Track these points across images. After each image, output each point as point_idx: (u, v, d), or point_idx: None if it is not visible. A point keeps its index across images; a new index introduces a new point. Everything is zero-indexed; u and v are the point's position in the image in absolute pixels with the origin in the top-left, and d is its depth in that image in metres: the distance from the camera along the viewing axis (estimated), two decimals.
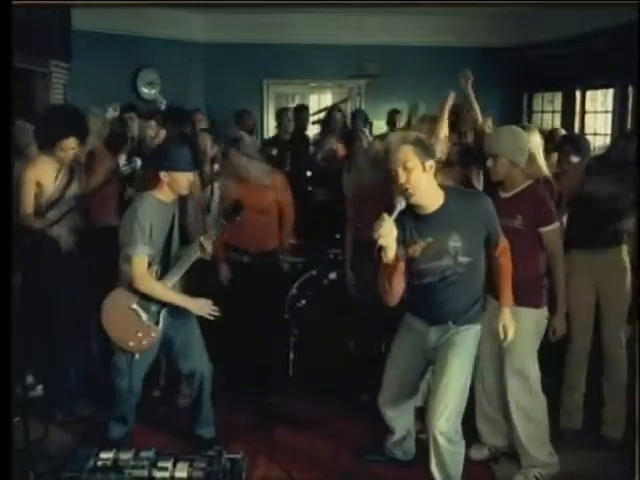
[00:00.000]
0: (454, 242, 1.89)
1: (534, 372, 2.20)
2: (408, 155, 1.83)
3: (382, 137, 3.44)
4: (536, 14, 4.19)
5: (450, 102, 2.56)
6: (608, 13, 2.97)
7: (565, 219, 2.51)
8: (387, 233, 1.77)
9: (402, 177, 1.83)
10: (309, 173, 3.70)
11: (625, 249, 2.42)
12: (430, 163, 1.86)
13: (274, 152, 3.74)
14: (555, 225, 2.17)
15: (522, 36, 4.59)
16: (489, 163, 2.18)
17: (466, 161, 2.50)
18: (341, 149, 3.40)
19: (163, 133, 3.17)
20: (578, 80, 4.18)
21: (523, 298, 2.08)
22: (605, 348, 2.44)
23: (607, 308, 2.42)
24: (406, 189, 1.83)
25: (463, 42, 4.54)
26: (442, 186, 1.92)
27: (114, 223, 2.62)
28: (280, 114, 4.11)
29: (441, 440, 1.93)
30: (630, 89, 3.57)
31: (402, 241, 1.88)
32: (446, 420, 1.92)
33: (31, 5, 1.30)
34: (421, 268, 1.93)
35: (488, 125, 2.75)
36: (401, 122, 3.85)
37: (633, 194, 2.29)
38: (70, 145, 2.46)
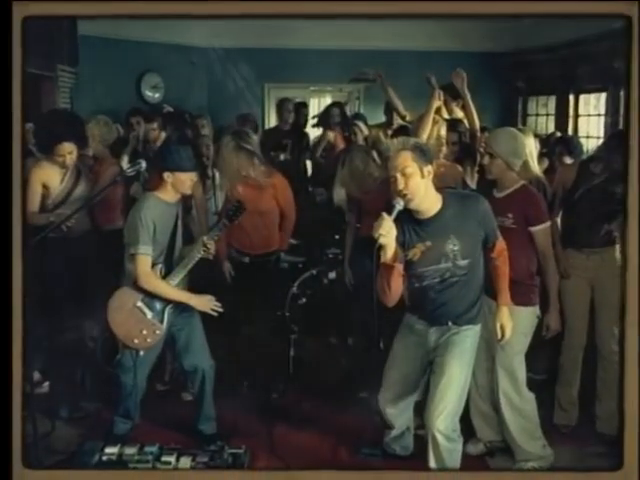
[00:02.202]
0: (452, 245, 1.93)
1: (521, 371, 2.25)
2: (407, 161, 1.87)
3: (379, 126, 3.51)
4: (531, 19, 4.25)
5: (437, 101, 2.61)
6: (602, 19, 3.03)
7: (559, 219, 2.57)
8: (387, 232, 1.82)
9: (401, 183, 1.86)
10: (309, 163, 3.75)
11: (619, 248, 2.48)
12: (429, 169, 1.90)
13: (281, 157, 3.80)
14: (546, 225, 2.22)
15: (517, 41, 4.66)
16: (485, 161, 2.24)
17: (461, 159, 2.56)
18: (340, 141, 3.45)
19: (163, 135, 3.24)
20: (572, 84, 4.25)
21: (515, 296, 2.13)
22: (600, 345, 2.49)
23: (602, 306, 2.47)
24: (405, 195, 1.87)
25: (459, 47, 4.61)
26: (440, 190, 1.96)
27: (119, 225, 2.69)
28: (280, 105, 4.18)
29: (440, 438, 1.97)
30: (622, 92, 3.63)
31: (402, 244, 1.92)
32: (445, 419, 1.97)
33: (42, 17, 1.36)
34: (420, 271, 1.97)
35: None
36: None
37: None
38: (66, 150, 2.51)
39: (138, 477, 1.48)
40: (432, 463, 2.01)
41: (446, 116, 2.97)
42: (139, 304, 2.28)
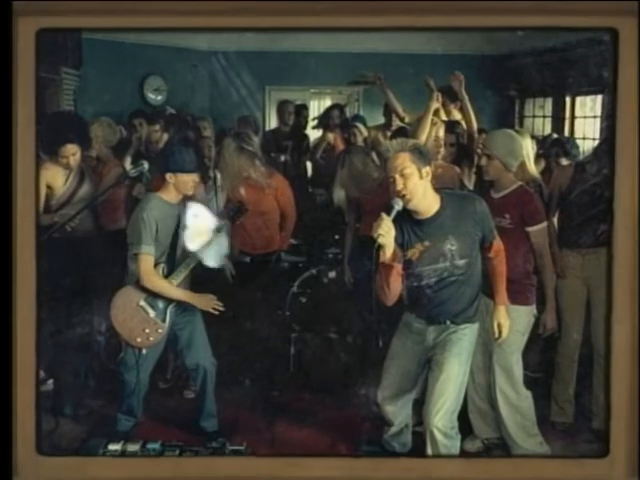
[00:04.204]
0: (450, 245, 1.98)
1: (518, 368, 2.29)
2: (405, 162, 1.91)
3: (378, 128, 3.55)
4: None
5: (435, 103, 2.66)
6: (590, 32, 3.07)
7: (556, 219, 2.61)
8: (386, 232, 1.85)
9: (399, 184, 1.90)
10: (309, 164, 3.80)
11: None
12: (427, 170, 1.93)
13: (282, 158, 3.85)
14: (543, 225, 2.26)
15: (513, 44, 4.71)
16: (483, 162, 2.28)
17: (459, 160, 2.60)
18: (339, 143, 3.50)
19: (166, 137, 3.28)
20: (568, 86, 4.31)
21: (512, 296, 2.17)
22: (595, 343, 2.52)
23: (598, 305, 2.50)
24: (403, 195, 1.90)
25: (457, 50, 4.66)
26: (438, 190, 2.00)
27: (122, 225, 2.73)
28: (281, 107, 4.23)
29: (438, 435, 2.01)
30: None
31: (400, 244, 1.96)
32: (443, 416, 2.01)
33: (55, 30, 1.43)
34: (419, 270, 2.01)
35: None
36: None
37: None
38: (70, 151, 2.55)
39: (147, 464, 1.53)
40: None
41: (444, 118, 3.00)
42: (142, 303, 2.32)
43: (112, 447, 2.18)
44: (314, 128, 4.18)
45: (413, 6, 1.37)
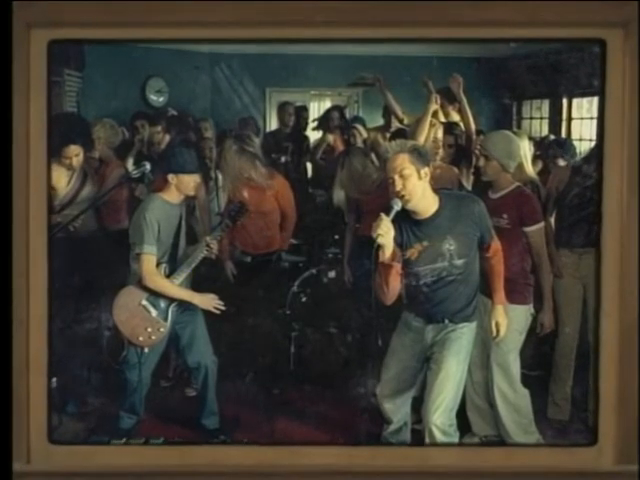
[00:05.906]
0: (449, 245, 2.01)
1: (516, 367, 2.32)
2: (404, 163, 1.94)
3: (377, 129, 3.59)
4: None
5: (434, 105, 2.69)
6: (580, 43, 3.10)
7: (553, 220, 2.64)
8: (385, 232, 1.89)
9: (398, 184, 1.94)
10: (309, 165, 3.84)
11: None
12: (425, 170, 1.97)
13: (282, 159, 3.88)
14: (540, 225, 2.30)
15: (510, 47, 4.74)
16: (481, 163, 2.32)
17: (457, 161, 2.64)
18: (339, 144, 3.53)
19: (167, 138, 3.31)
20: (565, 88, 4.34)
21: (510, 295, 2.20)
22: (592, 341, 2.56)
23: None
24: (402, 196, 1.94)
25: (455, 52, 4.69)
26: (437, 191, 2.03)
27: (125, 225, 2.75)
28: (281, 109, 4.26)
29: (436, 432, 2.03)
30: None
31: (399, 244, 1.99)
32: (442, 413, 2.03)
33: (66, 41, 1.49)
34: (418, 270, 2.04)
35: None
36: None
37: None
38: (73, 152, 2.58)
39: (154, 453, 1.57)
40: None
41: (443, 119, 3.04)
42: (144, 302, 2.35)
43: (115, 444, 2.21)
44: (314, 129, 4.21)
45: (410, 18, 1.41)
